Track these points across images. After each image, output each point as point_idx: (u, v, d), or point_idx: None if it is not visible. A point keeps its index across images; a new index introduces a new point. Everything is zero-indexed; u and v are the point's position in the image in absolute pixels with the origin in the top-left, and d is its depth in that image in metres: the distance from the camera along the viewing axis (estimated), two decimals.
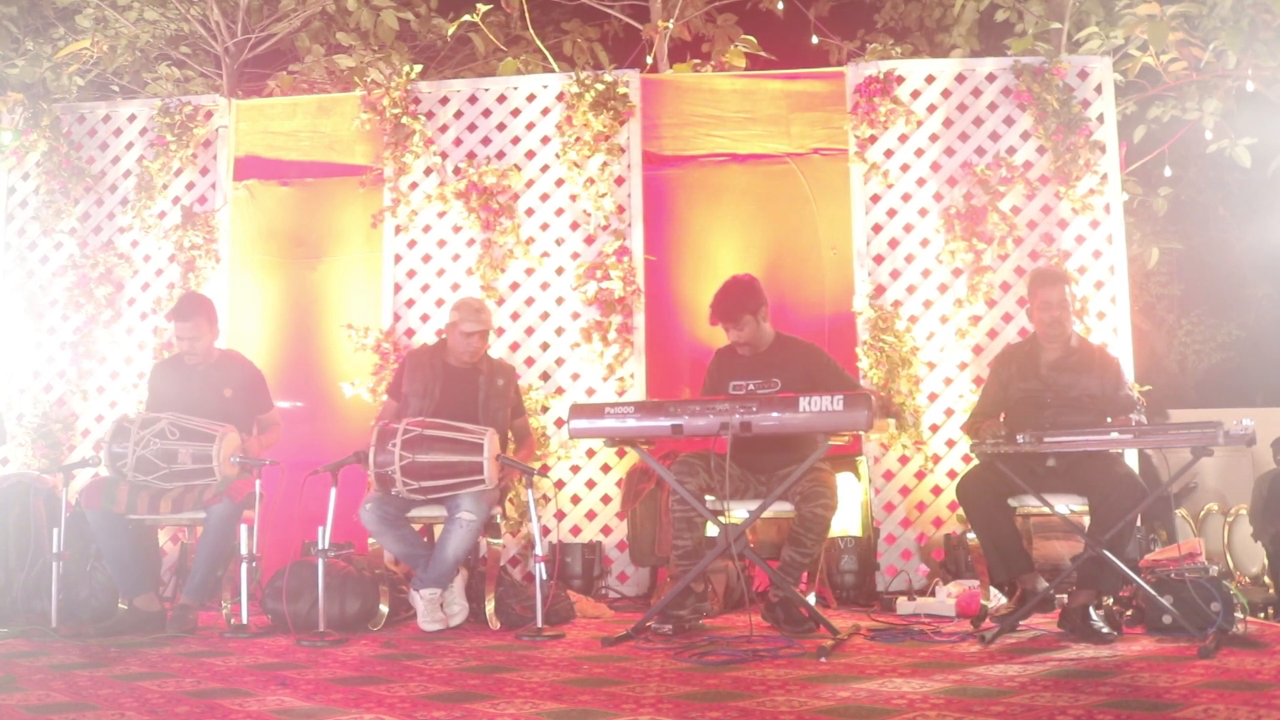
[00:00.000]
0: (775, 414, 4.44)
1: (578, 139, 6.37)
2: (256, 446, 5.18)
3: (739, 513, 4.64)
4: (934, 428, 6.02)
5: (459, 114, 6.57)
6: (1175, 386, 13.66)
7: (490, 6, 7.80)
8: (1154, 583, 4.31)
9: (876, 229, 6.22)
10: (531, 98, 6.54)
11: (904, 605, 5.17)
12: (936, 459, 6.00)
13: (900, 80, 6.30)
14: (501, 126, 6.52)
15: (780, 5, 9.51)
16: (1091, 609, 4.28)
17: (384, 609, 4.92)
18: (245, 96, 7.44)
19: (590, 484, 6.18)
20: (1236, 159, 7.86)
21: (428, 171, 6.49)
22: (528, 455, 5.34)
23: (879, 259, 6.20)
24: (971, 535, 4.73)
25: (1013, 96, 6.23)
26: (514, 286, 6.38)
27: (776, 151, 6.54)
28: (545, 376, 6.29)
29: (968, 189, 6.18)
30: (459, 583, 4.91)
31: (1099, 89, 6.23)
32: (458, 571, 4.88)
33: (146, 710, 3.22)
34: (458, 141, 6.54)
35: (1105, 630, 4.21)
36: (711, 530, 4.70)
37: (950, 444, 6.00)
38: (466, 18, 7.80)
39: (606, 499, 6.14)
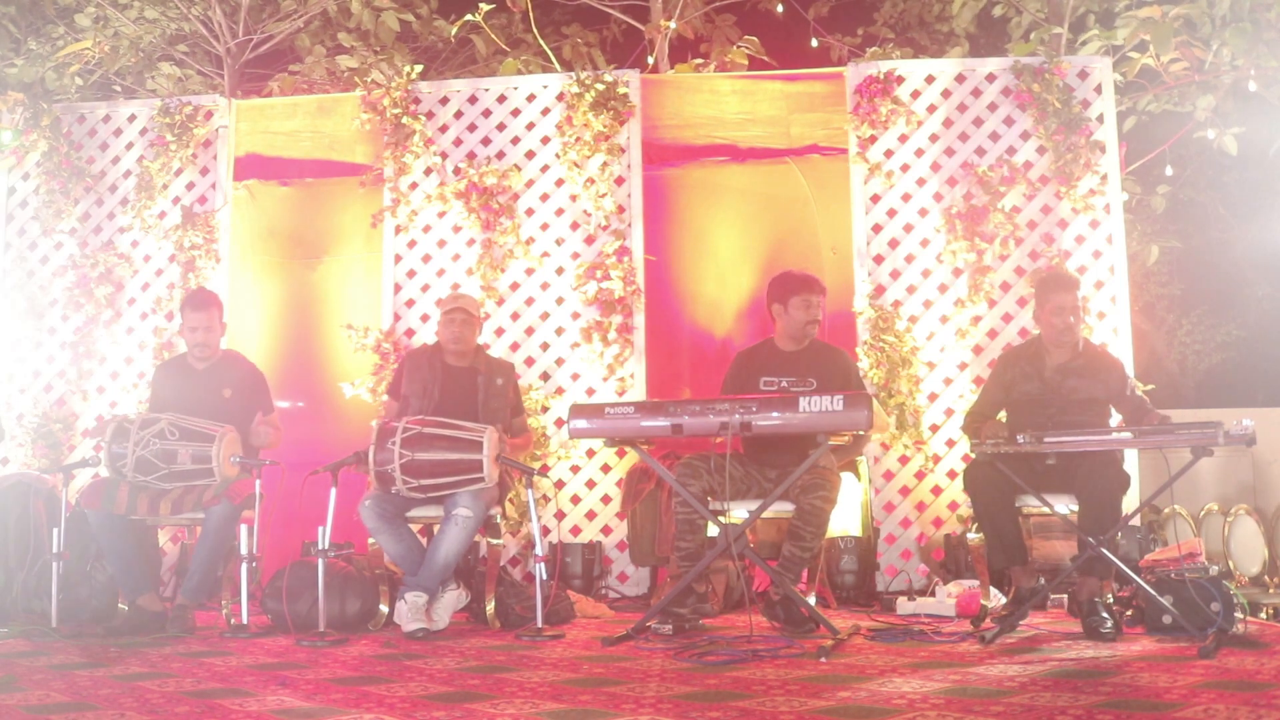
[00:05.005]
0: (775, 414, 4.43)
1: (578, 139, 6.37)
2: (266, 427, 5.19)
3: (740, 513, 4.64)
4: (934, 428, 6.02)
5: (459, 114, 6.57)
6: (1175, 386, 13.65)
7: (493, 6, 7.81)
8: (1154, 583, 4.31)
9: (876, 229, 6.22)
10: (531, 98, 6.54)
11: (904, 605, 5.16)
12: (936, 459, 6.00)
13: (900, 80, 6.30)
14: (501, 127, 6.52)
15: (780, 7, 9.52)
16: (1098, 601, 4.29)
17: (384, 609, 4.92)
18: (246, 96, 7.44)
19: (590, 484, 6.18)
20: (1224, 148, 7.86)
21: (428, 171, 6.49)
22: (524, 446, 5.32)
23: (879, 259, 6.20)
24: (971, 535, 4.73)
25: (1013, 97, 6.23)
26: (514, 286, 6.38)
27: (776, 149, 6.55)
28: (545, 376, 6.29)
29: (968, 189, 6.17)
30: (451, 599, 4.80)
31: (1099, 89, 6.23)
32: (449, 576, 4.76)
33: (146, 710, 3.22)
34: (458, 141, 6.54)
35: (1108, 628, 4.21)
36: (713, 531, 4.70)
37: (950, 444, 6.00)
38: (469, 18, 7.80)
39: (606, 499, 6.14)
